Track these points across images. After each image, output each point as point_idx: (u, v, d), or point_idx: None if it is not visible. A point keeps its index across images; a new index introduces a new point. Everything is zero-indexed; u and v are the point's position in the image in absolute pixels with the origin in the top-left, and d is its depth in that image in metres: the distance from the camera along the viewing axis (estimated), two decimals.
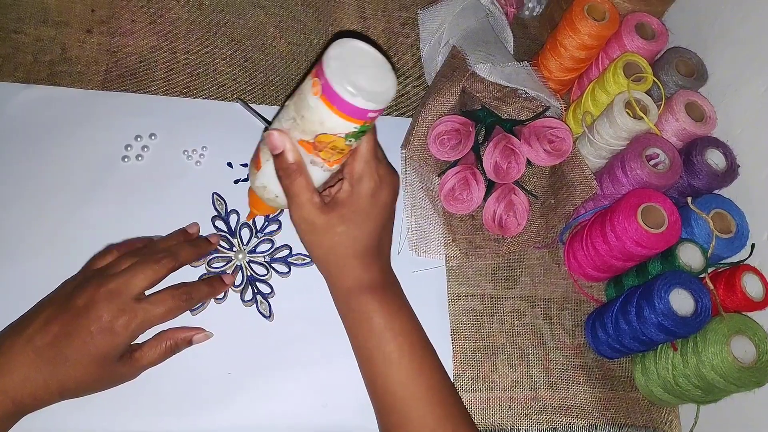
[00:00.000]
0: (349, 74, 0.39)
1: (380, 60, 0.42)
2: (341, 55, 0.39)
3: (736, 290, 0.52)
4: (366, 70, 0.40)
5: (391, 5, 0.73)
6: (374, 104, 0.39)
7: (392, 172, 0.49)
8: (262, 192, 0.47)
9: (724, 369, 0.49)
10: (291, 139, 0.42)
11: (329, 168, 0.44)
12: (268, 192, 0.47)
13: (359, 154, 0.45)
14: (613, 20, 0.61)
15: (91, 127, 0.57)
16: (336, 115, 0.39)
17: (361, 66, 0.40)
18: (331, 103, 0.39)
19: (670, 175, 0.55)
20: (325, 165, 0.43)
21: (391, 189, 0.47)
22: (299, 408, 0.51)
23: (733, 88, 0.59)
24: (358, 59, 0.40)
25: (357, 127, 0.40)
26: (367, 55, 0.41)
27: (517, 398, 0.56)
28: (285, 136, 0.42)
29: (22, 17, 0.61)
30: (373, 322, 0.46)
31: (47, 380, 0.42)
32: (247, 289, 0.54)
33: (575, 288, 0.62)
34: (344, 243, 0.45)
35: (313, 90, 0.39)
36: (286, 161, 0.43)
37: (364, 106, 0.39)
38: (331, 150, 0.42)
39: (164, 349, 0.48)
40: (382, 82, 0.41)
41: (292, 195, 0.44)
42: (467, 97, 0.60)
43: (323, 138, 0.41)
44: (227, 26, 0.66)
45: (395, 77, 0.42)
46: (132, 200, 0.55)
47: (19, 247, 0.52)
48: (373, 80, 0.40)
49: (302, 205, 0.44)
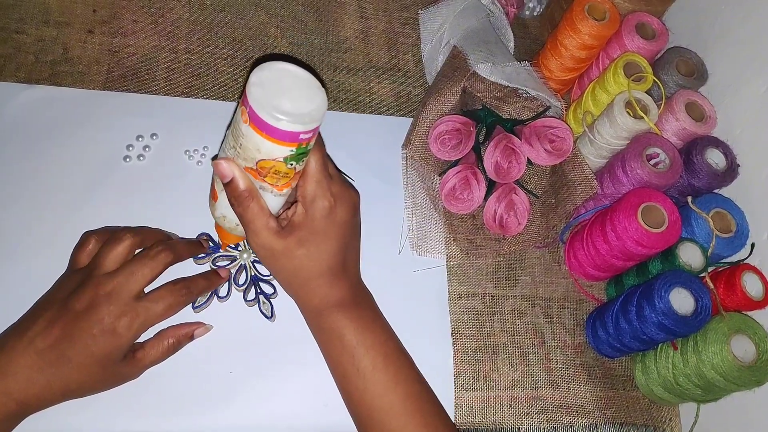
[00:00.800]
0: (273, 99, 0.38)
1: (307, 79, 0.41)
2: (264, 80, 0.39)
3: (736, 289, 0.52)
4: (292, 92, 0.39)
5: (392, 5, 0.73)
6: (302, 126, 0.38)
7: (347, 187, 0.47)
8: (223, 222, 0.47)
9: (724, 368, 0.49)
10: (239, 166, 0.41)
11: (280, 192, 0.43)
12: (228, 221, 0.46)
13: (309, 175, 0.44)
14: (613, 20, 0.61)
15: (93, 127, 0.57)
16: (268, 140, 0.38)
17: (287, 88, 0.39)
18: (261, 129, 0.38)
19: (670, 175, 0.55)
20: (274, 190, 0.43)
21: (347, 205, 0.46)
22: (300, 408, 0.51)
23: (733, 87, 0.59)
24: (284, 81, 0.39)
25: (293, 150, 0.39)
26: (291, 76, 0.40)
27: (518, 397, 0.56)
28: (232, 164, 0.41)
29: (23, 17, 0.61)
30: (345, 339, 0.46)
31: (50, 382, 0.42)
32: (250, 289, 0.54)
33: (576, 287, 0.62)
34: (306, 265, 0.45)
35: (243, 118, 0.39)
36: (236, 188, 0.42)
37: (293, 129, 0.38)
38: (275, 175, 0.41)
39: (166, 347, 0.48)
40: (310, 102, 0.39)
41: (247, 222, 0.43)
42: (468, 96, 0.60)
43: (264, 164, 0.40)
44: (228, 26, 0.66)
45: (324, 95, 0.40)
46: (133, 200, 0.55)
47: (20, 247, 0.52)
48: (299, 101, 0.39)
49: (258, 232, 0.43)
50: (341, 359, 0.47)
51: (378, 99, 0.67)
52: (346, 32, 0.70)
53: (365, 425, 0.47)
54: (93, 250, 0.48)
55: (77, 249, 0.49)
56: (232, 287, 0.54)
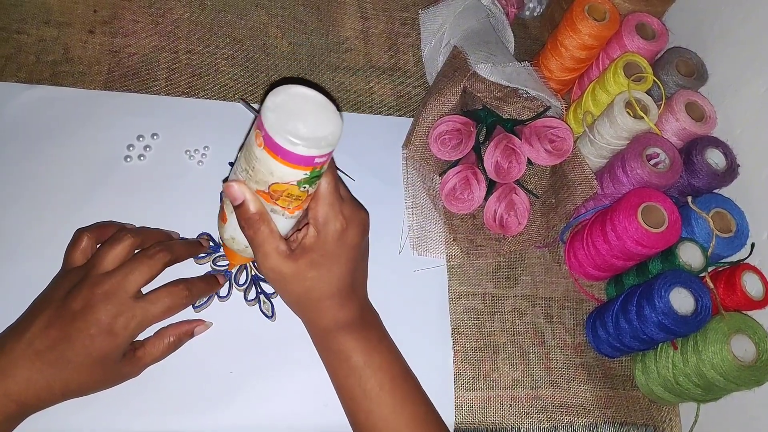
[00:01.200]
0: (288, 123, 0.38)
1: (322, 103, 0.41)
2: (280, 104, 0.39)
3: (736, 289, 0.52)
4: (307, 115, 0.39)
5: (393, 5, 0.74)
6: (317, 150, 0.38)
7: (359, 209, 0.47)
8: (231, 244, 0.47)
9: (724, 368, 0.49)
10: (250, 189, 0.41)
11: (291, 215, 0.43)
12: (237, 243, 0.46)
13: (321, 197, 0.43)
14: (613, 20, 0.62)
15: (94, 127, 0.57)
16: (282, 164, 0.38)
17: (302, 112, 0.39)
18: (275, 153, 0.38)
19: (670, 175, 0.55)
20: (285, 213, 0.42)
21: (358, 228, 0.46)
22: (300, 407, 0.51)
23: (733, 88, 0.59)
24: (299, 105, 0.39)
25: (307, 174, 0.39)
26: (307, 100, 0.40)
27: (518, 397, 0.56)
28: (244, 186, 0.41)
29: (24, 18, 0.61)
30: (352, 360, 0.46)
31: (50, 382, 0.42)
32: (251, 289, 0.54)
33: (576, 287, 0.62)
34: (316, 287, 0.45)
35: (257, 142, 0.39)
36: (247, 211, 0.42)
37: (308, 154, 0.38)
38: (288, 198, 0.41)
39: (167, 345, 0.48)
40: (325, 126, 0.39)
41: (257, 245, 0.43)
42: (468, 96, 0.60)
43: (277, 187, 0.40)
44: (229, 26, 0.66)
45: (340, 119, 0.40)
46: (134, 200, 0.55)
47: (20, 247, 0.52)
48: (315, 125, 0.39)
49: (268, 255, 0.43)
50: (348, 381, 0.47)
51: (378, 99, 0.67)
52: (346, 32, 0.70)
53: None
54: (86, 247, 0.48)
55: (71, 247, 0.48)
56: (232, 287, 0.54)
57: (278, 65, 0.66)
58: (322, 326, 0.47)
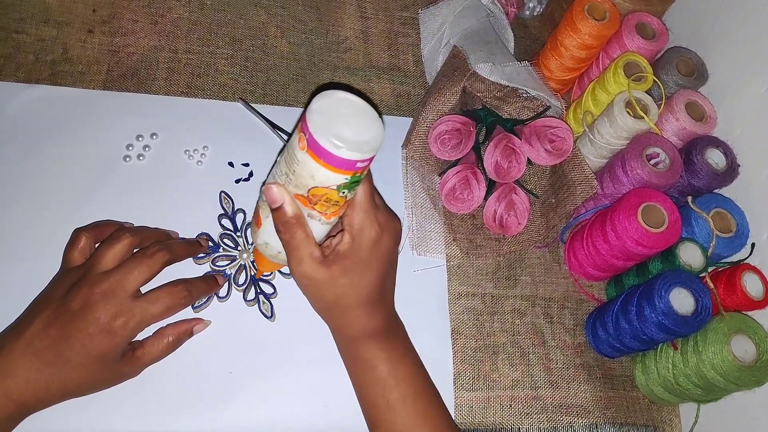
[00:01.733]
0: (332, 126, 0.38)
1: (365, 108, 0.41)
2: (324, 108, 0.39)
3: (736, 289, 0.52)
4: (351, 119, 0.39)
5: (392, 5, 0.73)
6: (360, 154, 0.38)
7: (393, 217, 0.47)
8: (264, 249, 0.47)
9: (724, 368, 0.49)
10: (289, 192, 0.41)
11: (327, 221, 0.43)
12: (270, 249, 0.46)
13: (357, 204, 0.43)
14: (613, 20, 0.61)
15: (93, 127, 0.57)
16: (324, 168, 0.38)
17: (346, 116, 0.39)
18: (318, 156, 0.38)
19: (670, 175, 0.55)
20: (322, 218, 0.43)
21: (392, 236, 0.46)
22: (300, 408, 0.51)
23: (733, 87, 0.59)
24: (343, 109, 0.40)
25: (348, 178, 0.40)
26: (351, 105, 0.40)
27: (518, 397, 0.56)
28: (283, 189, 0.41)
29: (23, 17, 0.61)
30: (377, 370, 0.46)
31: (49, 382, 0.42)
32: (250, 289, 0.54)
33: (576, 287, 0.62)
34: (347, 294, 0.44)
35: (300, 145, 0.39)
36: (285, 215, 0.41)
37: (351, 157, 0.38)
38: (326, 203, 0.41)
39: (166, 345, 0.48)
40: (368, 131, 0.40)
41: (292, 249, 0.43)
42: (468, 96, 0.60)
43: (316, 191, 0.40)
44: (228, 26, 0.66)
45: (382, 125, 0.41)
46: (133, 200, 0.55)
47: (20, 247, 0.52)
48: (358, 130, 0.39)
49: (302, 260, 0.43)
50: (372, 390, 0.47)
51: (378, 99, 0.67)
52: (346, 32, 0.70)
53: None
54: (85, 246, 0.48)
55: (69, 247, 0.48)
56: (232, 287, 0.54)
57: (278, 65, 0.66)
58: (349, 334, 0.47)
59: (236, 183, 0.58)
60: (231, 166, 0.59)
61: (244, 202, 0.57)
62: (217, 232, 0.55)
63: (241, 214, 0.57)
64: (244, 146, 0.60)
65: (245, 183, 0.58)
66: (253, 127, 0.61)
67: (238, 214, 0.57)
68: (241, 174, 0.59)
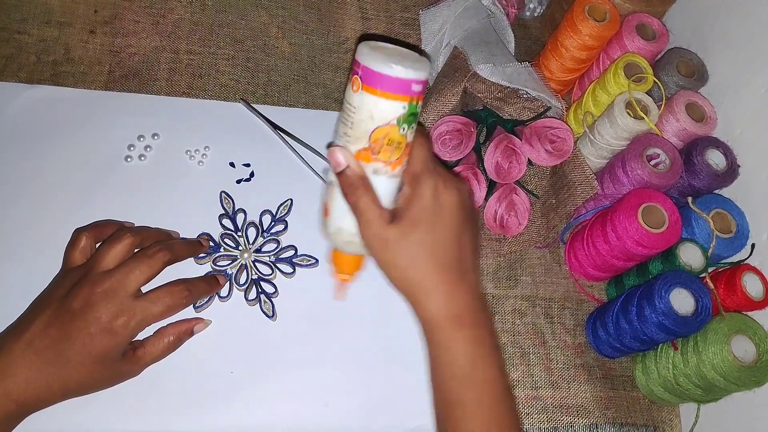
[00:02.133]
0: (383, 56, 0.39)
1: (409, 51, 0.43)
2: (373, 46, 0.41)
3: (736, 290, 0.52)
4: (397, 55, 0.41)
5: (393, 6, 0.74)
6: (414, 72, 0.39)
7: (455, 177, 0.46)
8: (337, 237, 0.45)
9: (724, 368, 0.49)
10: (351, 153, 0.41)
11: (392, 172, 0.42)
12: (344, 234, 0.44)
13: (414, 156, 0.43)
14: (613, 21, 0.62)
15: (94, 127, 0.58)
16: (382, 98, 0.39)
17: (393, 52, 0.41)
18: (374, 86, 0.39)
19: (670, 175, 0.55)
20: (387, 168, 0.42)
21: (454, 190, 0.44)
22: (301, 407, 0.51)
23: (733, 88, 0.59)
24: (389, 51, 0.41)
25: (405, 107, 0.40)
26: (395, 49, 0.42)
27: (519, 397, 0.56)
28: (346, 151, 0.41)
29: (25, 18, 0.61)
30: (457, 363, 0.43)
31: (50, 381, 0.42)
32: (252, 289, 0.54)
33: (576, 287, 0.62)
34: (421, 253, 0.42)
35: (353, 88, 0.40)
36: (350, 177, 0.41)
37: (406, 76, 0.39)
38: (388, 146, 0.41)
39: (166, 345, 0.48)
40: (416, 59, 0.41)
41: (360, 212, 0.41)
42: (469, 97, 0.60)
43: (377, 134, 0.40)
44: (229, 27, 0.67)
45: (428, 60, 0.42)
46: (134, 200, 0.55)
47: (20, 247, 0.52)
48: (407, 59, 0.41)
49: (371, 222, 0.41)
50: (447, 384, 0.44)
51: None
52: (346, 33, 0.70)
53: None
54: (86, 246, 0.48)
55: (70, 247, 0.48)
56: (233, 287, 0.54)
57: (279, 65, 0.66)
58: (430, 313, 0.43)
59: (237, 183, 0.58)
60: (232, 166, 0.59)
61: (245, 202, 0.57)
62: (218, 232, 0.56)
63: (241, 214, 0.57)
64: (245, 147, 0.60)
65: (246, 183, 0.59)
66: (254, 127, 0.61)
67: (239, 214, 0.57)
68: (242, 174, 0.59)
